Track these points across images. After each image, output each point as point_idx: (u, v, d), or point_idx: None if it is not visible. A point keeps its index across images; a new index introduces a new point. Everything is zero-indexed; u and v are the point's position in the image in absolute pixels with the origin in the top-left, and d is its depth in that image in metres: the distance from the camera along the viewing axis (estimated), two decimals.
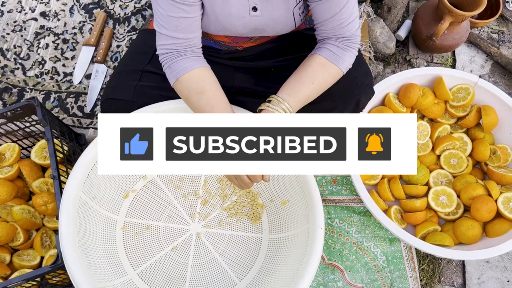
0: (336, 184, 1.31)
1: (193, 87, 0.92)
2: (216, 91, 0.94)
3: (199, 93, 0.92)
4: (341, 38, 0.97)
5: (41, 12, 1.61)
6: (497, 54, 1.54)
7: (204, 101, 0.92)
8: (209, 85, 0.93)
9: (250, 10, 0.95)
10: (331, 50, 0.96)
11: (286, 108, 0.92)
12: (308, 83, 0.95)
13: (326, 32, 0.97)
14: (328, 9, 0.93)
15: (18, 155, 1.19)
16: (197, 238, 1.13)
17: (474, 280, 1.23)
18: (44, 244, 1.13)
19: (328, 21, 0.95)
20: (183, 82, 0.93)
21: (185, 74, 0.92)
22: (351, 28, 0.96)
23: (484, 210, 1.15)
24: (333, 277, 1.20)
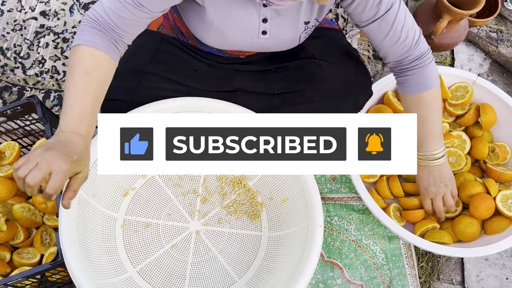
0: (335, 182, 1.31)
1: (85, 62, 0.81)
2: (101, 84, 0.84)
3: (85, 72, 0.81)
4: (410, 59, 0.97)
5: (41, 11, 1.61)
6: (496, 52, 1.54)
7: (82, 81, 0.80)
8: (100, 75, 0.83)
9: (260, 33, 0.96)
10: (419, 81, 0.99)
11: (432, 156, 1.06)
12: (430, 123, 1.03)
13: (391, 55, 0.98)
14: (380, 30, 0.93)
15: (18, 154, 1.19)
16: (196, 236, 1.13)
17: (473, 278, 1.24)
18: (44, 242, 1.14)
19: (385, 42, 0.95)
20: (82, 52, 0.82)
21: (93, 47, 0.82)
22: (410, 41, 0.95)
23: (482, 208, 1.15)
24: (332, 275, 1.21)
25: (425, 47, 0.98)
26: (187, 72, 1.12)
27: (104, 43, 0.83)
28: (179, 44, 1.13)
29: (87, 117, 0.80)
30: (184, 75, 1.11)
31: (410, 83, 1.00)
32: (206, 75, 1.13)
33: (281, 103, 1.12)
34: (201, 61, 1.13)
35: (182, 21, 1.07)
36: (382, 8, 0.90)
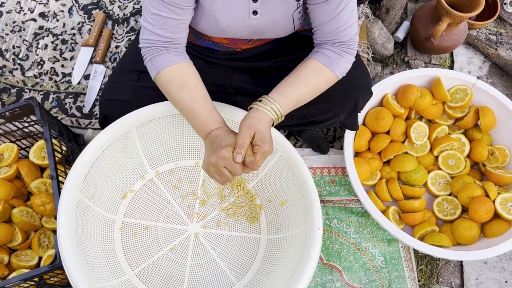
0: (335, 185, 1.31)
1: (174, 80, 0.92)
2: (197, 85, 0.94)
3: (180, 86, 0.92)
4: (337, 43, 0.97)
5: (40, 13, 1.61)
6: (495, 55, 1.54)
7: (184, 94, 0.92)
8: (191, 79, 0.93)
9: (251, 13, 0.95)
10: (327, 54, 0.96)
11: (277, 109, 0.92)
12: (300, 86, 0.95)
13: (323, 36, 0.97)
14: (326, 12, 0.92)
15: (16, 155, 1.19)
16: (195, 239, 1.13)
17: (472, 281, 1.24)
18: (42, 245, 1.13)
19: (326, 25, 0.94)
20: (165, 75, 0.92)
21: (167, 67, 0.92)
22: (349, 33, 0.95)
23: (482, 211, 1.15)
24: (331, 278, 1.20)
25: (355, 45, 0.98)
26: None
27: (173, 56, 0.93)
28: None
29: (208, 116, 0.91)
30: None
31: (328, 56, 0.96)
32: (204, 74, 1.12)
33: None
34: (200, 58, 1.12)
35: None
36: None
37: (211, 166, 0.87)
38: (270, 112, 0.91)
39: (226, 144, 0.86)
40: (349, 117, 1.16)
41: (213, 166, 0.86)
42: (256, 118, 0.90)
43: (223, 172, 0.86)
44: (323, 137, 1.35)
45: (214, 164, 0.86)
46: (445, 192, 1.27)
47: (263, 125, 0.90)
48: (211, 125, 0.90)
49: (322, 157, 1.35)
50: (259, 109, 0.91)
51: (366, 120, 1.31)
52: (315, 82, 0.96)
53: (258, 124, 0.90)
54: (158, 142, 1.15)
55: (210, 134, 0.90)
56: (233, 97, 1.13)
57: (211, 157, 0.86)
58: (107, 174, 1.09)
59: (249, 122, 0.89)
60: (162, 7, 0.88)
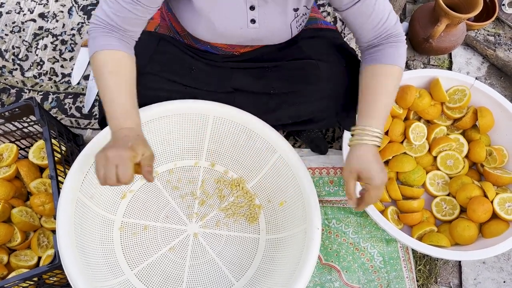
0: (333, 185, 1.32)
1: (109, 64, 0.87)
2: (129, 78, 0.89)
3: (112, 72, 0.86)
4: (385, 37, 0.95)
5: (40, 13, 1.61)
6: (493, 56, 1.55)
7: (113, 81, 0.86)
8: (125, 71, 0.88)
9: (249, 22, 0.95)
10: (384, 53, 0.94)
11: (374, 132, 0.89)
12: (382, 98, 0.93)
13: (367, 37, 0.96)
14: (360, 11, 0.91)
15: (16, 156, 1.19)
16: (194, 239, 1.13)
17: (470, 281, 1.24)
18: (41, 245, 1.14)
19: (365, 25, 0.93)
20: (103, 57, 0.87)
21: (108, 49, 0.87)
22: (389, 23, 0.93)
23: (480, 211, 1.16)
24: (330, 278, 1.20)
25: (401, 30, 0.96)
26: (185, 71, 1.12)
27: (117, 42, 0.88)
28: (176, 43, 1.13)
29: (129, 113, 0.86)
30: (182, 74, 1.11)
31: (383, 54, 0.95)
32: (203, 74, 1.13)
33: (278, 104, 1.12)
34: (198, 60, 1.13)
35: (177, 21, 1.07)
36: None
37: (104, 158, 0.79)
38: (370, 140, 0.89)
39: (132, 146, 0.80)
40: (347, 117, 1.17)
41: (105, 159, 0.79)
42: (356, 157, 0.89)
43: (111, 170, 0.78)
44: (322, 137, 1.35)
45: (108, 157, 0.78)
46: (443, 193, 1.27)
47: (366, 158, 0.88)
48: (127, 122, 0.85)
49: (321, 157, 1.35)
50: (361, 142, 0.89)
51: None
52: (391, 86, 0.94)
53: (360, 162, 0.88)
54: (157, 142, 1.16)
55: (121, 130, 0.84)
56: (233, 96, 1.13)
57: (109, 150, 0.79)
58: None
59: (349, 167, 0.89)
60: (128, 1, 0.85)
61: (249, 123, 1.13)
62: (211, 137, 1.18)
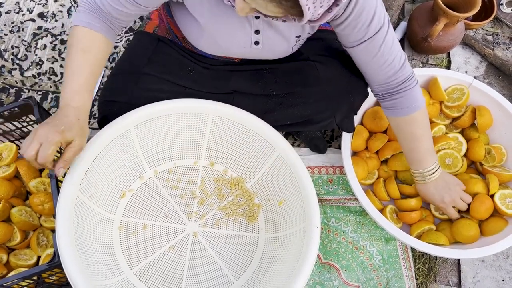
0: (332, 184, 1.32)
1: (82, 41, 0.88)
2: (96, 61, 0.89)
3: (82, 49, 0.88)
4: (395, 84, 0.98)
5: (39, 13, 1.61)
6: (492, 55, 1.55)
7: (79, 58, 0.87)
8: (96, 52, 0.89)
9: (252, 43, 0.96)
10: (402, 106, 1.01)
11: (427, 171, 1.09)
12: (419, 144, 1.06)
13: (376, 79, 0.99)
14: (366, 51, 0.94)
15: (15, 155, 1.19)
16: (193, 238, 1.13)
17: (469, 279, 1.24)
18: (40, 244, 1.13)
19: (371, 64, 0.95)
20: (79, 32, 0.88)
21: (87, 27, 0.88)
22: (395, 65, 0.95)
23: (482, 210, 1.16)
24: (329, 276, 1.21)
25: (410, 70, 0.99)
26: (183, 73, 1.12)
27: (99, 24, 0.89)
28: (174, 46, 1.13)
29: (82, 91, 0.87)
30: (180, 76, 1.11)
31: (399, 106, 1.01)
32: (202, 76, 1.13)
33: (277, 106, 1.13)
34: (197, 64, 1.13)
35: (176, 25, 1.08)
36: (371, 31, 0.90)
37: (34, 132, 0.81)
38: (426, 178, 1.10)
39: (62, 129, 0.82)
40: (346, 118, 1.17)
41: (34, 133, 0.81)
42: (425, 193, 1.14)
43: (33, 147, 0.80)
44: (320, 137, 1.36)
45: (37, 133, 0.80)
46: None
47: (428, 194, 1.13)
48: (74, 99, 0.86)
49: (320, 156, 1.35)
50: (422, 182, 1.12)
51: (363, 119, 1.32)
52: (419, 130, 1.04)
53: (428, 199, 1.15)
54: (156, 141, 1.16)
55: (66, 107, 0.85)
56: (231, 97, 1.14)
57: (42, 127, 0.81)
58: (106, 173, 1.09)
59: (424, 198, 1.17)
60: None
61: (248, 122, 1.13)
62: (210, 136, 1.19)
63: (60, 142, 0.82)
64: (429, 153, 1.08)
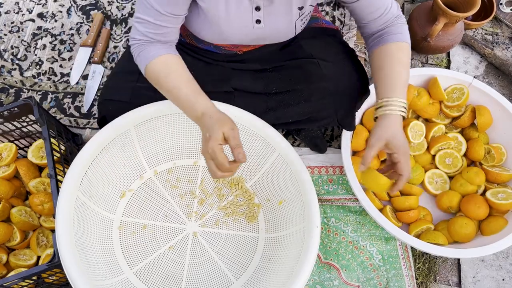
0: (332, 184, 1.32)
1: (161, 70, 0.92)
2: (182, 71, 0.94)
3: (166, 74, 0.92)
4: (390, 21, 1.00)
5: (39, 13, 1.61)
6: (491, 55, 1.55)
7: (170, 82, 0.92)
8: (175, 67, 0.94)
9: (254, 22, 0.96)
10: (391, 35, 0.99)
11: (399, 103, 0.92)
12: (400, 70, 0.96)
13: (374, 26, 1.01)
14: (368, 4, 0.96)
15: (15, 155, 1.19)
16: (193, 237, 1.13)
17: (469, 279, 1.24)
18: (40, 244, 1.13)
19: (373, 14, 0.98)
20: (152, 67, 0.93)
21: (154, 59, 0.92)
22: (394, 9, 0.99)
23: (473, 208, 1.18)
24: (329, 276, 1.21)
25: (401, 12, 1.02)
26: None
27: (159, 50, 0.93)
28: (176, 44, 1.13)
29: (194, 101, 0.91)
30: None
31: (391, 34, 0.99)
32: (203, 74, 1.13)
33: (279, 104, 1.13)
34: (199, 60, 1.13)
35: None
36: None
37: (205, 156, 0.89)
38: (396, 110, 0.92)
39: (209, 136, 0.87)
40: (347, 116, 1.17)
41: (205, 157, 0.89)
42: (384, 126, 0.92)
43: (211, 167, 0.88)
44: (320, 136, 1.36)
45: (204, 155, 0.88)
46: (442, 191, 1.28)
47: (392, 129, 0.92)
48: (198, 107, 0.90)
49: (320, 156, 1.35)
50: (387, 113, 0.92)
51: (363, 119, 1.32)
52: (405, 58, 0.98)
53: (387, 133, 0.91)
54: (156, 141, 1.16)
55: (201, 118, 0.90)
56: (233, 96, 1.14)
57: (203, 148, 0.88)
58: (106, 173, 1.09)
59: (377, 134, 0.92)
60: (158, 16, 0.89)
61: (248, 121, 1.13)
62: None
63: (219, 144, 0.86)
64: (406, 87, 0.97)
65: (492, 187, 1.22)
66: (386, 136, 0.92)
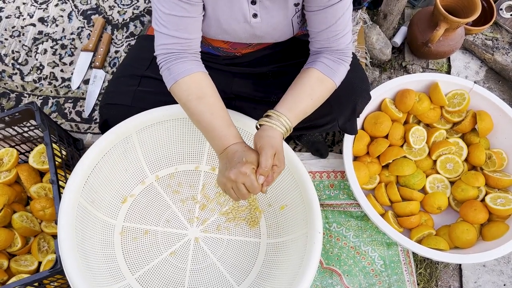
0: (334, 189, 1.32)
1: (193, 91, 0.91)
2: (216, 98, 0.93)
3: (199, 98, 0.90)
4: (335, 51, 0.98)
5: (40, 18, 1.61)
6: (491, 60, 1.56)
7: (203, 106, 0.91)
8: (209, 91, 0.92)
9: (251, 16, 0.96)
10: (327, 64, 0.97)
11: (286, 123, 0.92)
12: (306, 99, 0.95)
13: (320, 43, 0.98)
14: (324, 20, 0.93)
15: (16, 160, 1.19)
16: (195, 243, 1.13)
17: (471, 284, 1.24)
18: (41, 250, 1.13)
19: (323, 32, 0.95)
20: (183, 85, 0.91)
21: (185, 77, 0.91)
22: (345, 40, 0.97)
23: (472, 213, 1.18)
24: (331, 282, 1.20)
25: (351, 52, 1.00)
26: None
27: (190, 65, 0.91)
28: None
29: (226, 131, 0.90)
30: None
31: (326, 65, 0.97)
32: None
33: None
34: None
35: None
36: None
37: (229, 181, 0.85)
38: (281, 127, 0.91)
39: (246, 160, 0.84)
40: (348, 121, 1.17)
41: (231, 181, 0.85)
42: (273, 137, 0.90)
43: (240, 189, 0.84)
44: (322, 141, 1.36)
45: (233, 179, 0.84)
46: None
47: (279, 142, 0.90)
48: (229, 140, 0.89)
49: (322, 161, 1.35)
50: (269, 124, 0.91)
51: (365, 124, 1.32)
52: (319, 93, 0.97)
53: (276, 143, 0.89)
54: (158, 146, 1.16)
55: (227, 149, 0.89)
56: (233, 102, 1.14)
57: (231, 172, 0.84)
58: (108, 178, 1.09)
59: (270, 142, 0.88)
60: (174, 6, 0.87)
61: (249, 126, 1.13)
62: None
63: (252, 169, 0.84)
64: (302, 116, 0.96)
65: (493, 192, 1.22)
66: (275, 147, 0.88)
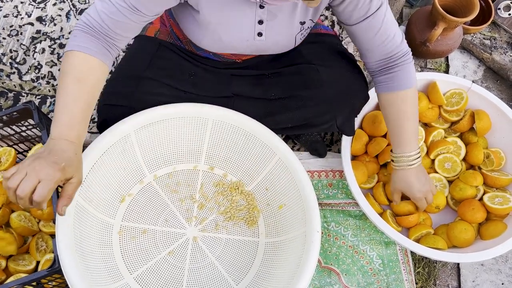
0: (332, 188, 1.32)
1: (77, 68, 0.82)
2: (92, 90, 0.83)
3: (76, 78, 0.81)
4: (393, 58, 0.98)
5: (38, 17, 1.61)
6: (490, 59, 1.56)
7: (73, 88, 0.81)
8: (92, 81, 0.83)
9: (255, 35, 0.96)
10: (396, 81, 0.99)
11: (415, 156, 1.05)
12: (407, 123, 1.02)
13: (376, 56, 0.99)
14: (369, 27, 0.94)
15: (14, 160, 1.19)
16: (193, 242, 1.13)
17: (469, 283, 1.24)
18: (39, 249, 1.13)
19: (373, 40, 0.96)
20: (74, 58, 0.82)
21: (82, 52, 0.82)
22: (397, 40, 0.97)
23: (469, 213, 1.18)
24: (329, 281, 1.21)
25: (407, 46, 1.01)
26: (184, 77, 1.12)
27: (96, 48, 0.84)
28: (176, 49, 1.13)
29: (77, 124, 0.80)
30: (181, 80, 1.11)
31: (394, 81, 1.00)
32: (203, 80, 1.13)
33: (278, 109, 1.13)
34: (198, 66, 1.13)
35: (179, 27, 1.08)
36: (373, 6, 0.91)
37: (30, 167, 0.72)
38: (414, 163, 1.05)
39: (63, 166, 0.74)
40: (346, 121, 1.17)
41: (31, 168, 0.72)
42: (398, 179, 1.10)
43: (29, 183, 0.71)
44: (320, 140, 1.36)
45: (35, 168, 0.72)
46: None
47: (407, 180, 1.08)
48: (70, 134, 0.79)
49: (320, 160, 1.35)
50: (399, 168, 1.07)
51: (363, 123, 1.32)
52: (410, 109, 1.01)
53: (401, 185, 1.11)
54: (156, 146, 1.16)
55: (61, 141, 0.78)
56: (232, 101, 1.14)
57: (40, 161, 0.73)
58: (106, 177, 1.08)
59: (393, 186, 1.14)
60: (122, 2, 0.82)
61: (248, 126, 1.13)
62: (210, 141, 1.19)
63: (61, 180, 0.75)
64: (414, 136, 1.04)
65: (491, 191, 1.22)
66: (400, 188, 1.13)
